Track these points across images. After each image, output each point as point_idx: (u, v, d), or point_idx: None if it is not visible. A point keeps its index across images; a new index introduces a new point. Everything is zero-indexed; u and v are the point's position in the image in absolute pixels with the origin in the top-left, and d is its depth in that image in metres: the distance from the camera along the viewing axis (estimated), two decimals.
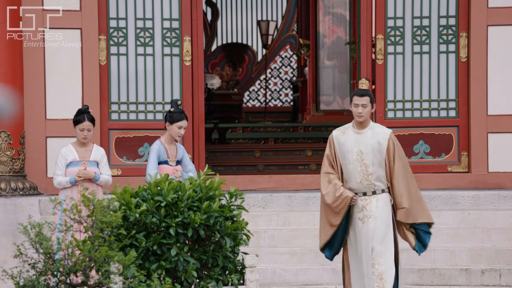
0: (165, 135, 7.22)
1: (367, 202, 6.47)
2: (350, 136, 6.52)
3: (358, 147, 6.48)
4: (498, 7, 9.47)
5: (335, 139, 6.59)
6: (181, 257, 5.69)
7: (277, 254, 8.52)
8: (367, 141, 6.48)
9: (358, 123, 6.54)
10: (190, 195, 5.82)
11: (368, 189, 6.48)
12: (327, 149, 6.63)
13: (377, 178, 6.47)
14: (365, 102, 6.48)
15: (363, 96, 6.49)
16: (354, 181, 6.50)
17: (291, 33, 18.77)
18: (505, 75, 9.51)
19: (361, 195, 6.50)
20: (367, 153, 6.47)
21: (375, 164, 6.46)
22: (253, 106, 18.76)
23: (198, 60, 9.66)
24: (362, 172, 6.46)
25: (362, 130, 6.50)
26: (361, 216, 6.47)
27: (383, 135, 6.50)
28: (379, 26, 9.70)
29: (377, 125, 6.57)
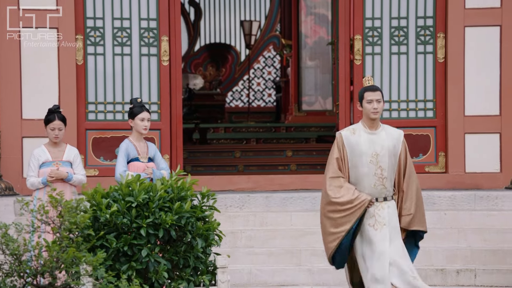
0: (132, 132, 7.23)
1: (378, 208, 6.10)
2: (362, 137, 6.09)
3: (373, 149, 6.07)
4: (475, 8, 9.50)
5: (346, 140, 6.10)
6: (152, 258, 5.68)
7: (253, 255, 8.50)
8: (382, 143, 6.09)
9: (369, 123, 6.11)
10: (161, 195, 5.80)
11: (381, 194, 6.10)
12: (335, 151, 6.12)
13: (390, 183, 6.12)
14: (379, 97, 6.10)
15: (376, 91, 6.11)
16: (367, 186, 6.08)
17: (274, 33, 18.77)
18: (482, 76, 9.54)
19: (374, 199, 6.12)
20: (383, 155, 6.07)
21: (390, 167, 6.08)
22: (236, 106, 18.75)
23: (176, 60, 9.64)
24: (377, 176, 6.06)
25: (376, 130, 6.11)
26: (372, 223, 6.09)
27: (397, 137, 6.14)
28: (357, 26, 9.71)
29: (387, 126, 6.21)
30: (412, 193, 6.14)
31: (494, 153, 9.53)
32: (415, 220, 6.16)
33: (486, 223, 8.72)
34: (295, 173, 11.79)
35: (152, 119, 9.65)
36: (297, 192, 9.40)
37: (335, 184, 6.10)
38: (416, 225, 6.16)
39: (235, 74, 18.85)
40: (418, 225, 6.17)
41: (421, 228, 6.19)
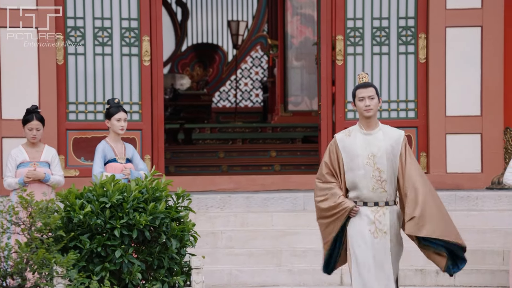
0: (110, 133, 7.22)
1: (379, 214, 5.73)
2: (358, 138, 5.76)
3: (369, 150, 5.73)
4: (456, 9, 9.50)
5: (340, 143, 5.79)
6: (125, 259, 5.66)
7: (233, 255, 8.49)
8: (379, 143, 5.73)
9: (365, 123, 5.77)
10: (135, 196, 5.79)
11: (381, 198, 5.72)
12: (327, 156, 5.83)
13: (390, 186, 5.73)
14: (372, 94, 5.73)
15: (368, 87, 5.75)
16: (365, 189, 5.73)
17: (261, 33, 18.75)
18: (463, 76, 9.55)
19: (371, 205, 5.75)
20: (381, 157, 5.71)
21: (389, 169, 5.71)
22: (224, 107, 18.72)
23: (158, 60, 9.62)
24: (375, 178, 5.71)
25: (372, 130, 5.76)
26: (373, 229, 5.72)
27: (397, 137, 5.76)
28: (339, 27, 9.71)
29: (386, 126, 5.83)
30: (417, 196, 5.62)
31: (475, 153, 9.54)
32: (420, 224, 5.59)
33: (466, 223, 8.71)
34: (278, 173, 11.78)
35: (133, 120, 9.64)
36: (278, 193, 9.38)
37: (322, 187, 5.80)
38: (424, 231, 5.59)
39: (222, 74, 18.83)
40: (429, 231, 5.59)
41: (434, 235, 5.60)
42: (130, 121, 9.58)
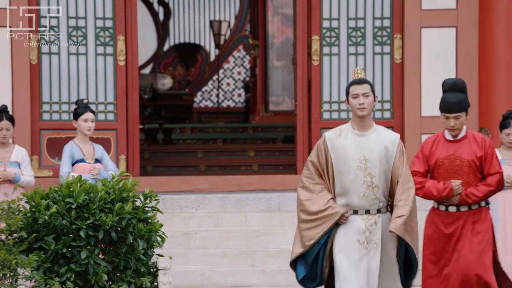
0: (78, 134, 7.21)
1: (370, 222, 5.27)
2: (349, 139, 5.30)
3: (361, 153, 5.28)
4: (431, 9, 9.52)
5: (329, 142, 5.33)
6: (91, 259, 5.63)
7: (207, 256, 8.47)
8: (372, 146, 5.29)
9: (358, 122, 5.33)
10: (102, 196, 5.75)
11: (372, 205, 5.28)
12: (314, 155, 5.37)
13: (382, 193, 5.30)
14: (366, 91, 5.34)
15: (362, 84, 5.34)
16: (356, 195, 5.27)
17: (244, 33, 18.74)
18: (438, 76, 9.52)
19: (362, 212, 5.30)
20: (373, 161, 5.27)
21: (381, 174, 5.28)
22: (206, 107, 18.70)
23: (133, 60, 9.58)
24: (366, 184, 5.25)
25: (365, 131, 5.32)
26: (362, 240, 5.25)
27: (392, 140, 5.35)
28: (315, 27, 9.70)
29: (381, 127, 5.43)
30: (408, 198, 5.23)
31: None
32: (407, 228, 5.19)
33: None
34: (254, 173, 11.76)
35: (108, 120, 9.60)
36: (253, 193, 9.37)
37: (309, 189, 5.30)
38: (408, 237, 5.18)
39: (205, 74, 18.80)
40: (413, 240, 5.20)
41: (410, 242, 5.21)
42: (104, 121, 9.55)
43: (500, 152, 7.72)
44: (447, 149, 5.98)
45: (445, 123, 5.97)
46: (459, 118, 5.92)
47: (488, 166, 5.90)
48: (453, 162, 5.94)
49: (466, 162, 5.91)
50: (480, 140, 5.97)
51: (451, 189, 5.89)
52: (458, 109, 5.90)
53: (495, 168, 5.91)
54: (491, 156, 5.93)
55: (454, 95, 5.92)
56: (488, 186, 5.91)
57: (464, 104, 5.93)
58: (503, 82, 9.26)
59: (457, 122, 5.92)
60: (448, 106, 5.91)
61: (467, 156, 5.93)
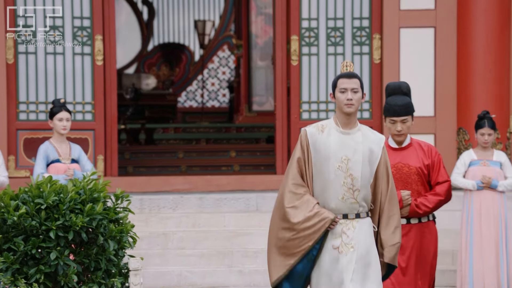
0: (54, 133, 7.17)
1: (347, 226, 4.79)
2: (332, 136, 4.81)
3: (343, 152, 4.78)
4: (409, 10, 9.52)
5: (310, 137, 4.83)
6: (61, 261, 5.58)
7: (184, 256, 8.44)
8: (356, 146, 4.80)
9: (343, 119, 4.81)
10: (72, 197, 5.71)
11: (351, 210, 4.79)
12: (299, 151, 4.84)
13: (364, 197, 4.81)
14: (355, 86, 4.81)
15: (352, 78, 4.80)
16: (334, 198, 4.79)
17: (228, 33, 18.71)
18: (417, 77, 9.55)
19: (340, 216, 4.80)
20: (356, 162, 4.79)
21: (364, 177, 4.80)
22: (191, 107, 18.66)
23: (111, 59, 9.54)
24: (346, 186, 4.78)
25: (350, 130, 4.82)
26: (337, 244, 4.76)
27: (377, 141, 4.86)
28: (294, 27, 9.69)
29: (366, 127, 4.92)
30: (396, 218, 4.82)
31: None
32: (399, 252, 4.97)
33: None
34: (234, 174, 11.74)
35: (86, 119, 9.56)
36: (231, 193, 9.35)
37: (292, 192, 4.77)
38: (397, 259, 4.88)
39: (189, 74, 18.77)
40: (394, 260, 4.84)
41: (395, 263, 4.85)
42: (82, 121, 9.51)
43: (476, 152, 7.72)
44: (393, 158, 5.65)
45: (391, 129, 5.73)
46: (406, 122, 5.68)
47: (436, 175, 5.60)
48: (400, 170, 5.64)
49: (414, 170, 5.63)
50: (427, 148, 5.68)
51: (401, 199, 5.57)
52: (405, 112, 5.66)
53: (443, 176, 5.61)
54: (439, 164, 5.63)
55: (400, 98, 5.68)
56: (438, 195, 5.58)
57: (410, 108, 5.68)
58: (482, 82, 9.26)
59: (404, 126, 5.68)
60: (395, 109, 5.66)
61: (415, 163, 5.65)
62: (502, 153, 7.74)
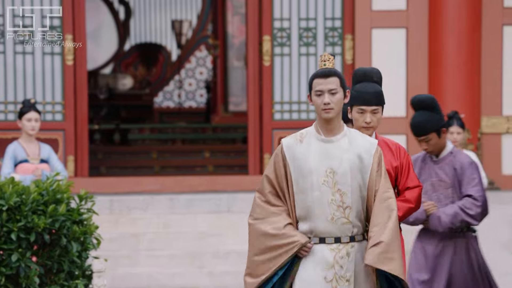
0: (22, 134, 7.11)
1: (341, 254, 4.05)
2: (313, 146, 4.12)
3: (327, 164, 4.09)
4: (381, 10, 9.51)
5: (287, 151, 4.12)
6: (22, 262, 5.53)
7: (154, 258, 8.38)
8: (342, 155, 4.10)
9: (324, 126, 4.12)
10: (35, 198, 5.66)
11: (344, 231, 4.08)
12: (270, 168, 4.15)
13: (357, 215, 4.11)
14: (333, 86, 4.11)
15: (328, 77, 4.10)
16: (322, 219, 4.06)
17: (206, 33, 18.66)
18: (389, 78, 9.49)
19: (331, 241, 4.08)
20: (344, 174, 4.09)
21: (355, 191, 4.10)
22: (168, 107, 18.60)
23: (81, 59, 9.47)
24: (335, 204, 4.07)
25: (333, 136, 4.12)
26: (330, 277, 4.05)
27: (367, 148, 4.13)
28: (266, 27, 9.65)
29: (354, 131, 4.21)
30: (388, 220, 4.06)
31: None
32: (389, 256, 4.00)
33: None
34: (206, 174, 11.69)
35: (56, 120, 9.48)
36: (202, 194, 9.30)
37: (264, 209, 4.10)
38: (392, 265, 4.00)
39: (166, 74, 18.70)
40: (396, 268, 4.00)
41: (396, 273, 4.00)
42: (52, 121, 9.43)
43: None
44: None
45: (359, 120, 4.69)
46: (377, 113, 4.72)
47: (405, 179, 4.74)
48: None
49: None
50: (395, 148, 4.78)
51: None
52: (376, 101, 4.73)
53: (414, 181, 4.76)
54: (408, 167, 4.75)
55: (370, 85, 4.79)
56: (408, 202, 4.72)
57: (382, 98, 4.78)
58: (453, 83, 9.27)
59: (374, 118, 4.71)
60: (365, 97, 4.70)
61: None
62: (471, 154, 7.74)
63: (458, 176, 5.46)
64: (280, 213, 4.09)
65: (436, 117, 5.35)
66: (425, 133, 5.34)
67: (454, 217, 5.39)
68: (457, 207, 5.44)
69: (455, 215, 5.40)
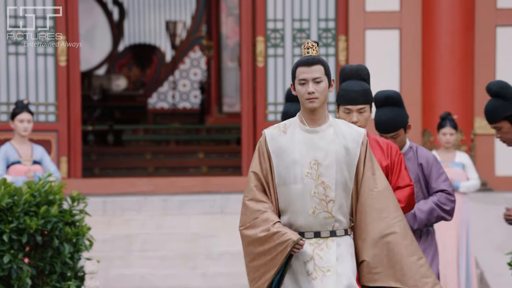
0: (15, 135, 7.10)
1: (320, 247, 3.89)
2: (297, 136, 3.95)
3: (312, 155, 3.92)
4: (375, 12, 9.51)
5: (270, 141, 3.97)
6: (14, 264, 5.52)
7: (147, 259, 8.36)
8: (327, 146, 3.93)
9: (308, 116, 3.95)
10: (27, 199, 5.65)
11: (325, 226, 3.91)
12: (256, 162, 3.98)
13: (340, 209, 3.92)
14: (318, 75, 3.92)
15: (312, 65, 3.92)
16: (302, 213, 3.90)
17: (200, 34, 18.66)
18: (382, 78, 9.53)
19: (311, 235, 3.91)
20: (328, 166, 3.91)
21: (339, 184, 3.92)
22: (162, 108, 18.59)
23: (74, 60, 9.45)
24: (318, 197, 3.89)
25: (318, 127, 3.95)
26: (310, 269, 3.87)
27: (354, 138, 3.96)
28: (259, 28, 9.65)
29: (340, 121, 4.04)
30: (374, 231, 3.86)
31: None
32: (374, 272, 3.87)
33: None
34: (200, 175, 11.68)
35: (49, 121, 9.46)
36: (196, 195, 9.29)
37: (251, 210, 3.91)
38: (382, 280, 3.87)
39: (160, 75, 18.70)
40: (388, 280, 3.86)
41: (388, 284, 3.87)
42: (45, 123, 9.41)
43: (438, 154, 7.72)
44: None
45: (345, 120, 4.49)
46: (364, 112, 4.58)
47: (396, 178, 4.60)
48: None
49: None
50: (386, 146, 4.63)
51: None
52: (363, 100, 4.59)
53: (405, 180, 4.61)
54: (399, 166, 4.61)
55: (357, 83, 4.65)
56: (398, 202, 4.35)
57: (370, 96, 4.66)
58: (446, 84, 9.28)
59: (360, 117, 4.56)
60: (352, 96, 4.55)
61: None
62: (464, 155, 7.74)
63: (425, 171, 5.19)
64: (266, 210, 3.90)
65: (403, 112, 5.11)
66: (396, 129, 5.02)
67: (430, 214, 5.08)
68: (431, 203, 5.11)
69: (431, 211, 5.08)
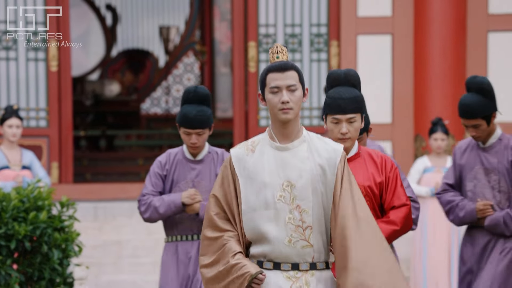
0: (3, 140, 7.08)
1: (299, 284, 3.42)
2: (266, 155, 3.48)
3: (284, 176, 3.46)
4: (367, 17, 9.51)
5: (236, 163, 3.48)
6: (2, 270, 5.48)
7: (138, 265, 8.34)
8: (301, 164, 3.46)
9: (280, 130, 3.49)
10: (15, 205, 5.62)
11: (303, 257, 3.44)
12: (217, 185, 3.48)
13: (320, 236, 3.47)
14: (292, 82, 3.45)
15: (286, 71, 3.44)
16: (277, 242, 3.43)
17: (193, 39, 18.66)
18: (375, 84, 9.55)
19: (287, 267, 3.45)
20: (303, 187, 3.44)
21: (317, 208, 3.45)
22: (155, 113, 18.57)
23: (66, 65, 9.42)
24: (293, 224, 3.43)
25: (290, 143, 3.48)
26: None
27: (330, 154, 3.49)
28: (251, 33, 9.64)
29: (315, 135, 3.55)
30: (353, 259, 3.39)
31: None
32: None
33: None
34: None
35: (40, 126, 9.43)
36: None
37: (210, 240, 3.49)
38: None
39: (154, 80, 18.68)
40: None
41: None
42: (36, 128, 9.38)
43: (430, 159, 7.72)
44: None
45: (334, 131, 4.09)
46: (354, 122, 4.09)
47: (391, 196, 4.14)
48: None
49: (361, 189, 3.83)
50: (380, 161, 4.15)
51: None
52: (353, 108, 4.08)
53: (401, 199, 4.13)
54: (395, 182, 4.15)
55: (346, 89, 4.13)
56: (392, 224, 4.10)
57: (361, 104, 4.15)
58: (439, 89, 9.27)
59: (351, 128, 4.08)
60: (340, 104, 4.06)
61: (362, 181, 4.12)
62: None
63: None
64: (228, 240, 3.45)
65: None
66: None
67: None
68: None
69: None
